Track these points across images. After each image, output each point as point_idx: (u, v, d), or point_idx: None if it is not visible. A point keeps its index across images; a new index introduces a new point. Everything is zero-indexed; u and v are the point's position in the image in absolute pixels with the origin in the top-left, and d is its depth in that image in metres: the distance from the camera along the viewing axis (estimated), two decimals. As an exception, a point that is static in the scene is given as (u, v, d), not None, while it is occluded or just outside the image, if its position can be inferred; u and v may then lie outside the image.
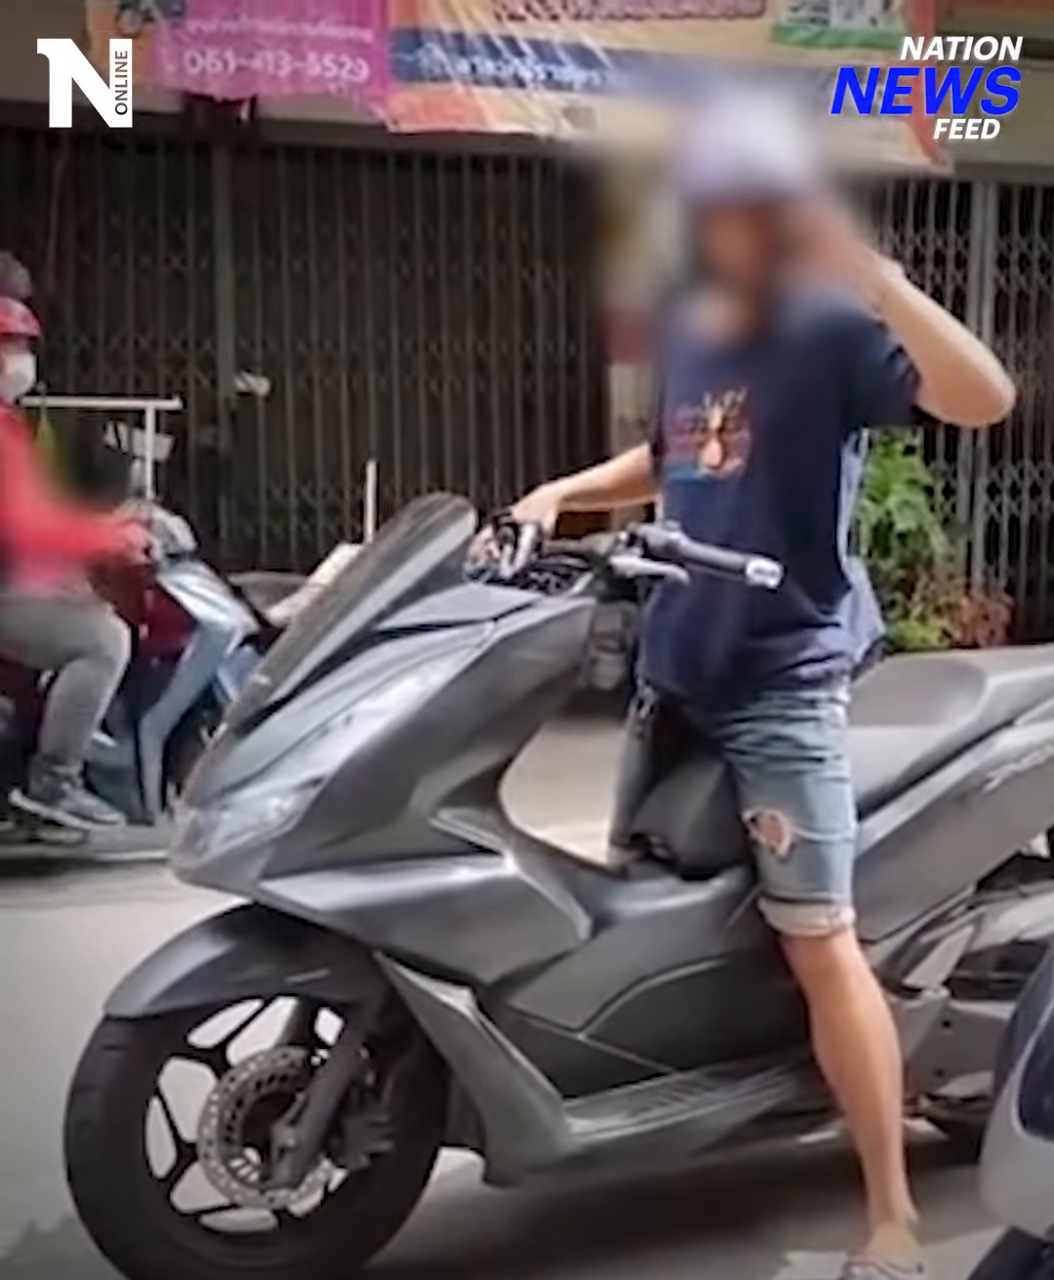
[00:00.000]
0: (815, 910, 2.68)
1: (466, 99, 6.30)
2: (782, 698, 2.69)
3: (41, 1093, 2.69)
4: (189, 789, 2.62)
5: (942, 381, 2.46)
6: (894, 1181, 2.73)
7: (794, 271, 2.53)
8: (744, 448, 2.67)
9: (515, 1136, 2.60)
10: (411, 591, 2.57)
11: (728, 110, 2.67)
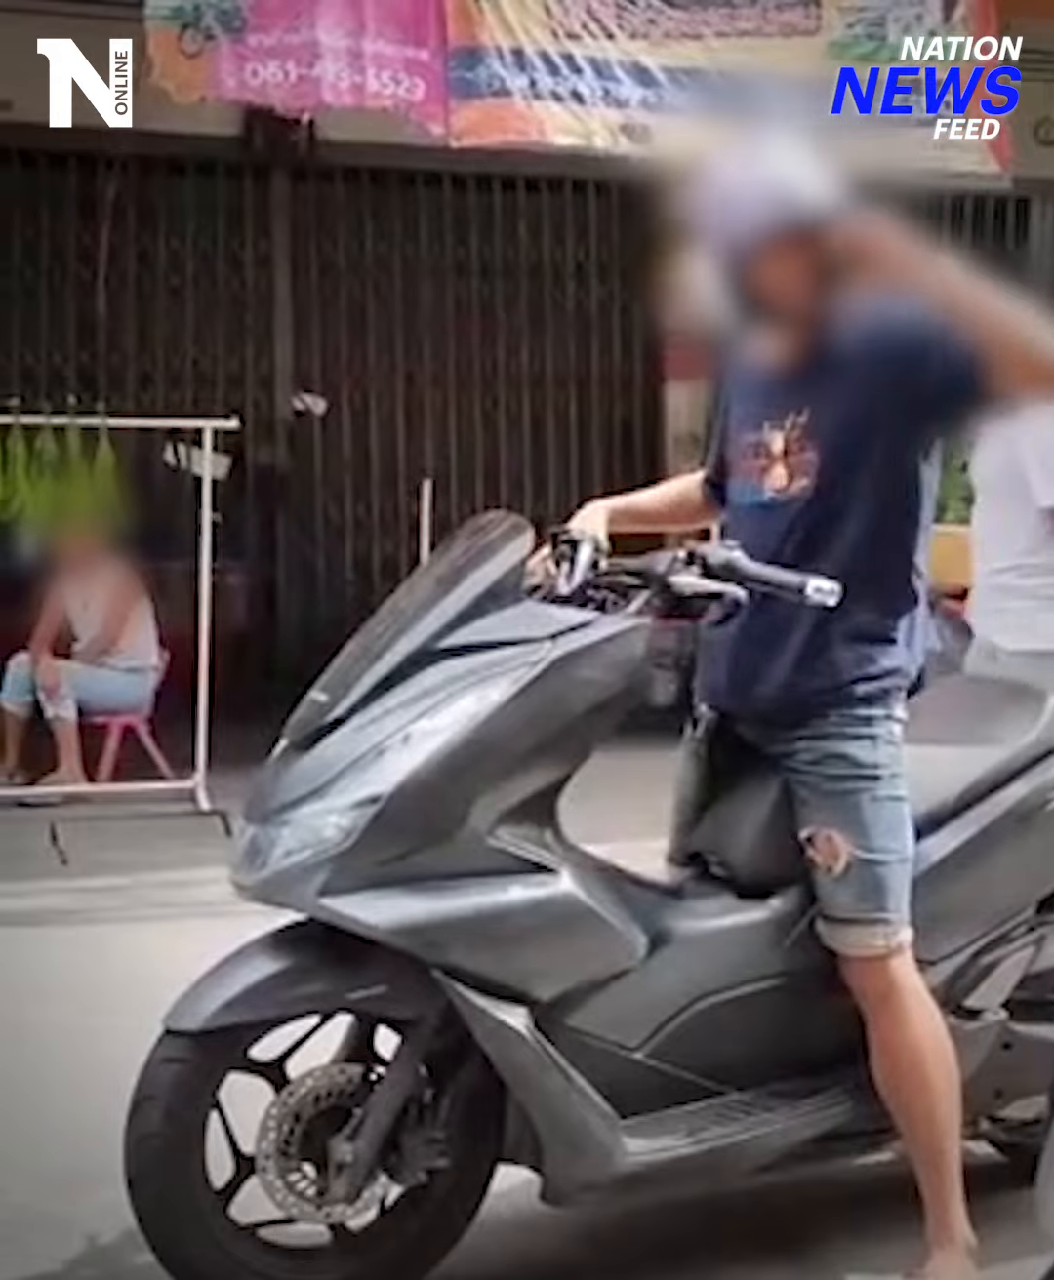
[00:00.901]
0: (872, 931, 2.66)
1: (527, 113, 6.31)
2: (838, 715, 2.68)
3: (101, 1106, 2.71)
4: (248, 805, 2.64)
5: (1014, 365, 2.45)
6: (952, 1204, 2.71)
7: (846, 292, 2.53)
8: (810, 468, 2.67)
9: (571, 1155, 2.59)
10: (469, 610, 2.58)
11: (741, 153, 2.67)
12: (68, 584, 6.77)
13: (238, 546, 8.52)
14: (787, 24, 6.61)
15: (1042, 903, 2.94)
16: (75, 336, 8.18)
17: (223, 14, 5.82)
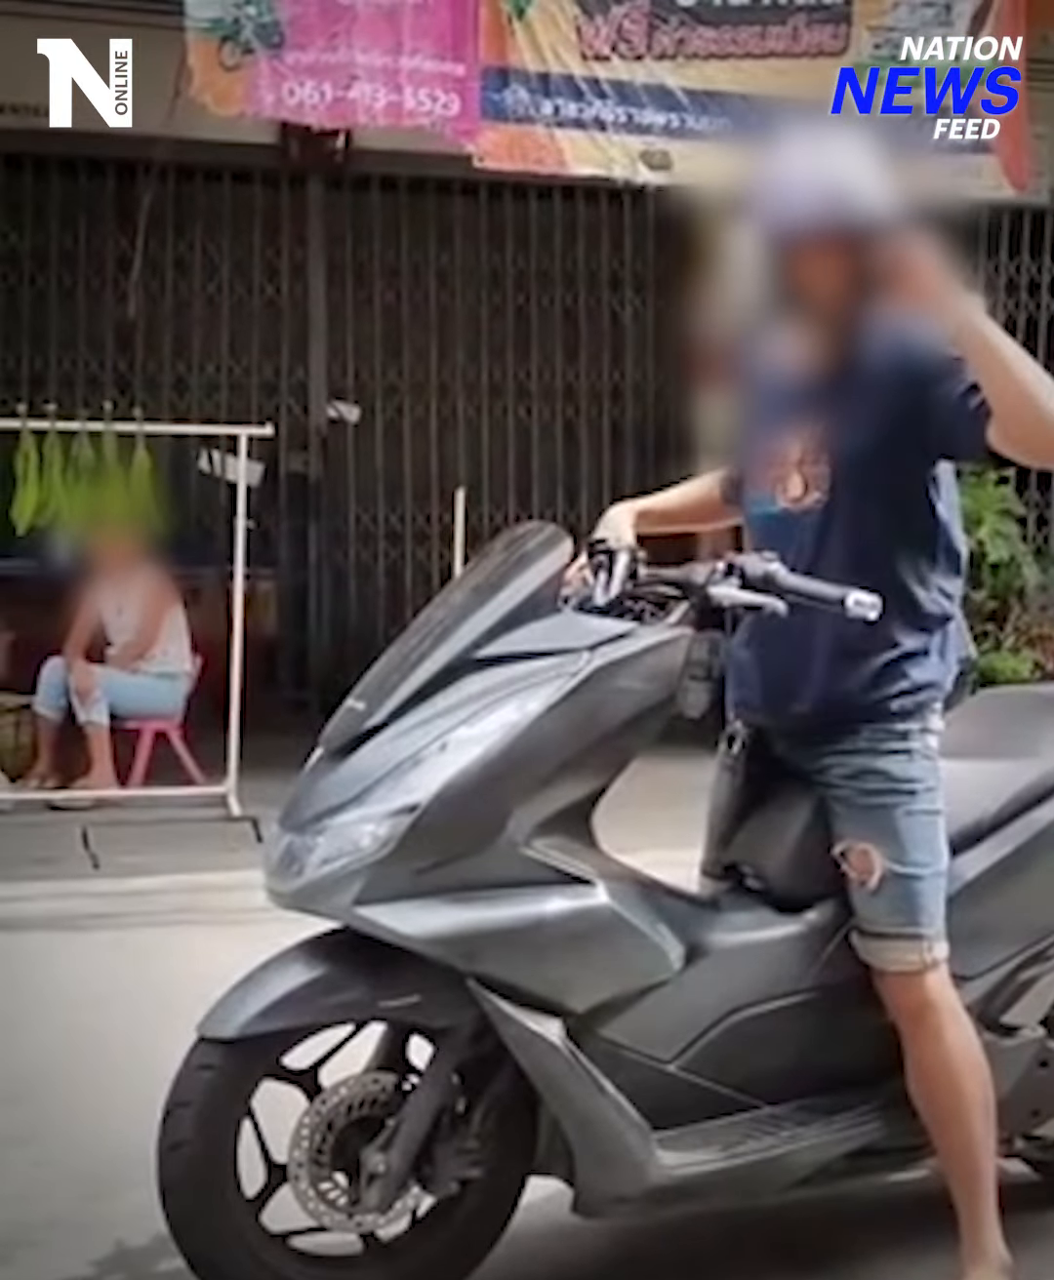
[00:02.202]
0: (907, 945, 2.65)
1: (548, 141, 6.36)
2: (871, 730, 2.67)
3: (132, 1110, 2.72)
4: (284, 813, 2.64)
5: (1013, 420, 2.44)
6: (988, 1223, 2.69)
7: (877, 303, 2.53)
8: (824, 481, 2.67)
9: (604, 1167, 2.58)
10: (507, 620, 2.57)
11: (811, 144, 2.66)
12: (102, 589, 6.80)
13: (270, 553, 8.54)
14: (814, 44, 6.61)
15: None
16: (112, 342, 8.22)
17: (262, 28, 5.86)
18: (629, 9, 6.40)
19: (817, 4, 6.60)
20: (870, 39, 6.67)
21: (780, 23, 6.56)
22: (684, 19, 6.46)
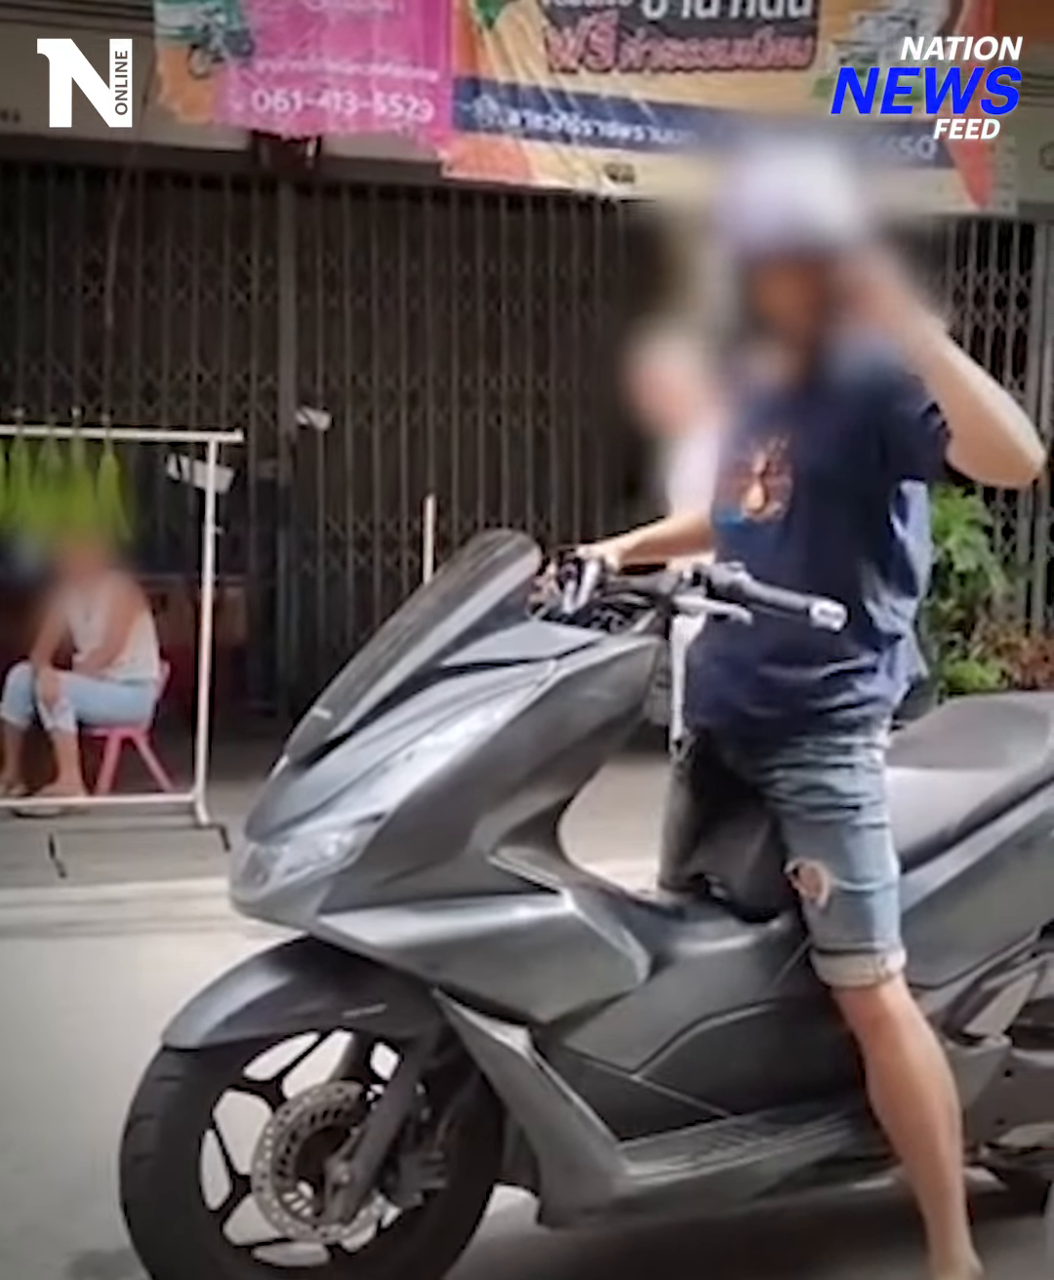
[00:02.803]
0: (861, 960, 2.64)
1: (515, 152, 6.38)
2: (814, 743, 2.67)
3: (99, 1119, 2.70)
4: (249, 822, 2.63)
5: (970, 441, 2.46)
6: (956, 1230, 2.69)
7: (839, 323, 2.54)
8: (784, 493, 2.68)
9: (570, 1178, 2.58)
10: (474, 628, 2.57)
11: (776, 163, 2.67)
12: (70, 595, 6.76)
13: (240, 560, 8.52)
14: (781, 57, 6.64)
15: (1044, 929, 2.93)
16: (81, 348, 8.19)
17: (231, 36, 5.85)
18: (596, 21, 6.42)
19: (783, 17, 6.62)
20: (836, 52, 6.70)
21: (747, 36, 6.59)
22: (651, 31, 6.49)
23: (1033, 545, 9.20)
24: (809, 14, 6.65)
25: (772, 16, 6.60)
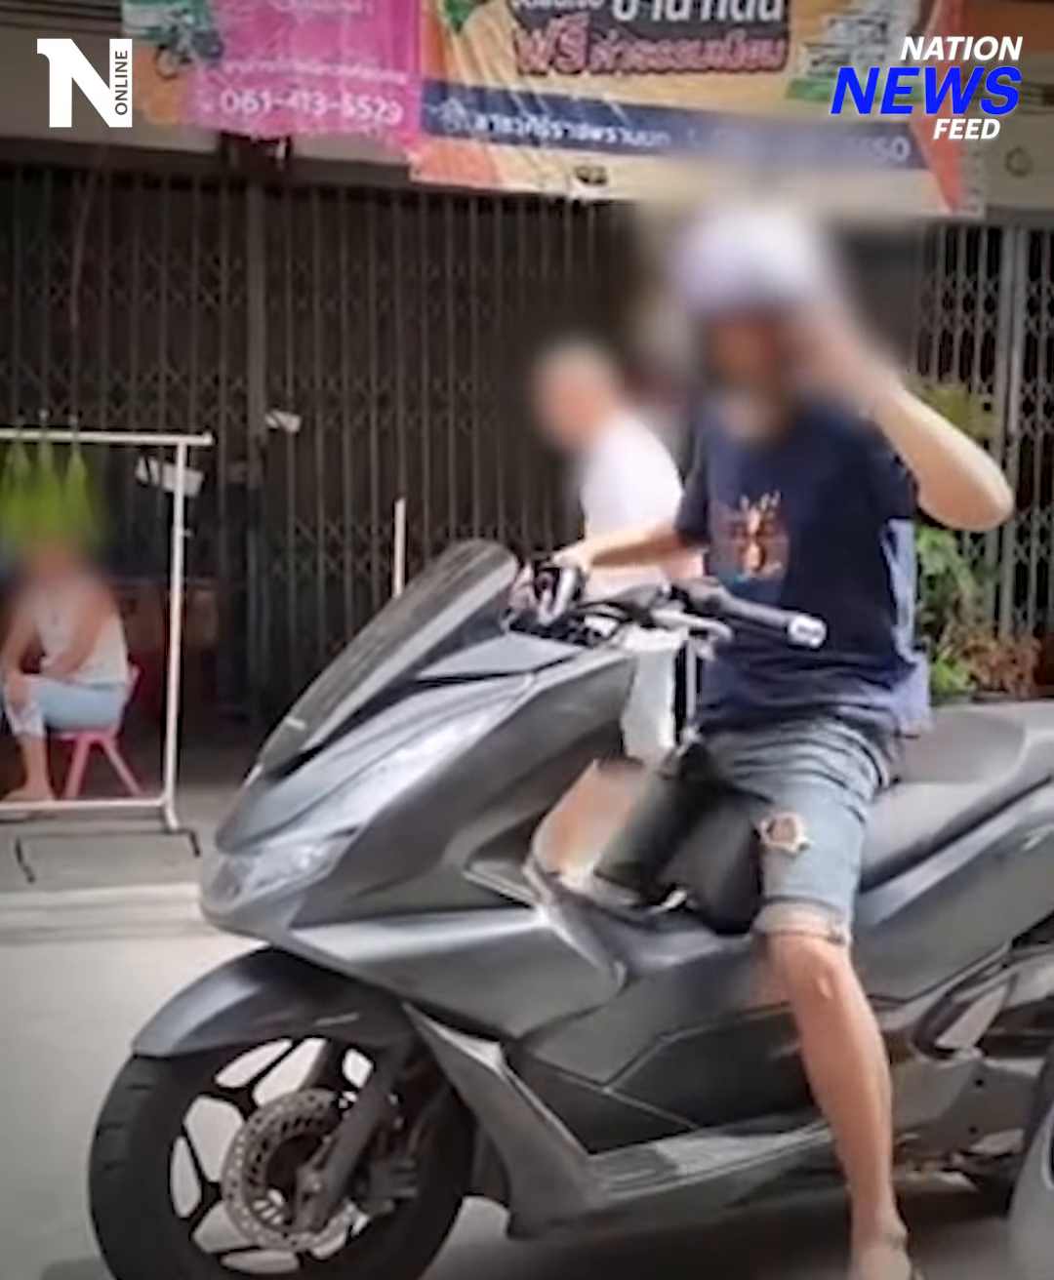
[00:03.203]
0: (815, 909, 2.59)
1: (482, 156, 6.37)
2: (818, 727, 2.72)
3: (69, 1125, 2.69)
4: (221, 832, 2.62)
5: (935, 487, 2.49)
6: (881, 1197, 2.68)
7: (797, 378, 2.56)
8: (782, 551, 2.71)
9: (540, 1190, 2.58)
10: (450, 640, 2.57)
11: (732, 223, 2.69)
12: (37, 599, 6.72)
13: (209, 563, 8.49)
14: (753, 59, 6.65)
15: (1016, 940, 2.94)
16: (48, 351, 8.14)
17: (199, 37, 5.83)
18: (567, 23, 6.42)
19: (754, 20, 6.63)
20: (809, 55, 6.72)
21: (719, 37, 6.59)
22: (622, 33, 6.48)
23: (1001, 548, 9.24)
24: (780, 17, 6.67)
25: (742, 19, 6.61)
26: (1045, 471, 9.23)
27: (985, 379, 9.10)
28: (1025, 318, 9.24)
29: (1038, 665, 8.36)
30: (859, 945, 2.66)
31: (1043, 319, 9.29)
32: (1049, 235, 9.14)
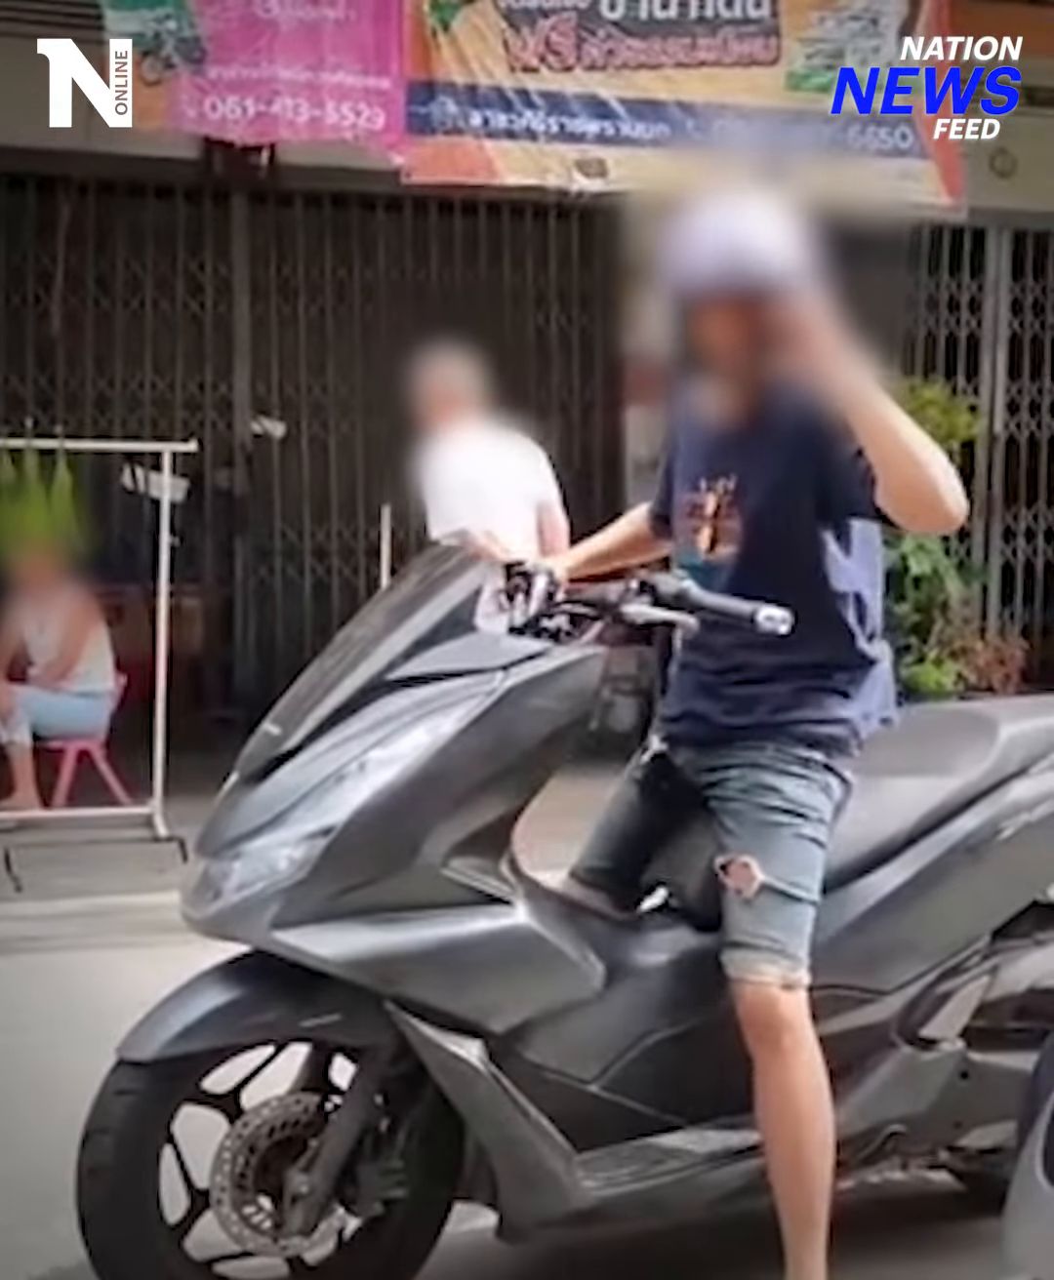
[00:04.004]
0: (772, 958, 2.59)
1: (478, 152, 6.35)
2: (775, 749, 2.68)
3: (57, 1135, 2.69)
4: (200, 838, 2.62)
5: (894, 488, 2.47)
6: (813, 1262, 2.62)
7: (773, 364, 2.55)
8: (735, 535, 2.69)
9: (527, 1190, 2.58)
10: (423, 640, 2.57)
11: (721, 206, 2.68)
12: (23, 607, 6.72)
13: (195, 570, 8.48)
14: (746, 55, 6.65)
15: (995, 932, 2.95)
16: (33, 358, 8.14)
17: (182, 43, 5.82)
18: (555, 22, 6.41)
19: (743, 18, 6.63)
20: (802, 49, 6.72)
21: (710, 34, 6.58)
22: (611, 31, 6.48)
23: (988, 548, 9.26)
24: (768, 14, 6.65)
25: (731, 17, 6.60)
26: (1031, 472, 9.26)
27: (970, 380, 9.12)
28: (1010, 318, 9.27)
29: (1025, 666, 8.37)
30: (840, 939, 2.67)
31: (1027, 319, 9.32)
32: (1033, 236, 9.16)
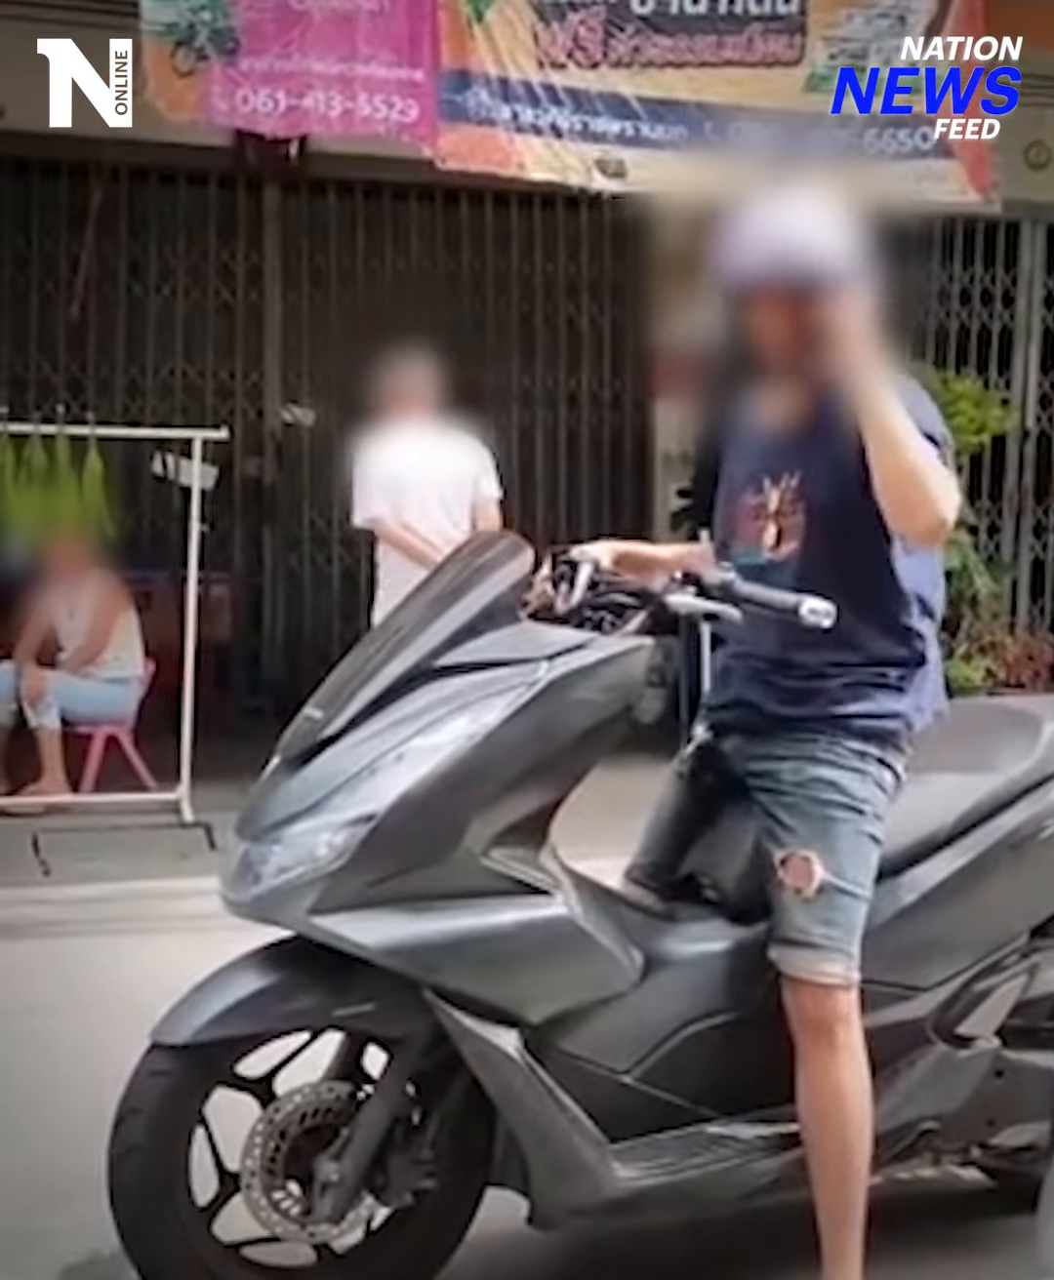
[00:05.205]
0: (833, 958, 2.61)
1: (507, 144, 6.37)
2: (829, 742, 2.68)
3: (83, 1119, 2.70)
4: (240, 821, 2.62)
5: (888, 491, 2.51)
6: (850, 1261, 2.63)
7: (814, 359, 2.56)
8: (799, 530, 2.70)
9: (560, 1179, 2.58)
10: (466, 628, 2.57)
11: (771, 198, 2.69)
12: (54, 593, 6.74)
13: (224, 558, 8.49)
14: (770, 53, 6.65)
15: (1035, 930, 2.94)
16: (64, 345, 8.16)
17: (216, 34, 5.83)
18: (585, 16, 6.42)
19: (772, 14, 6.63)
20: (825, 49, 6.71)
21: (736, 32, 6.60)
22: (640, 27, 6.49)
23: (1018, 544, 9.22)
24: (797, 10, 6.66)
25: (760, 13, 6.60)
26: (1062, 468, 9.22)
27: (1003, 374, 9.07)
28: (1043, 312, 9.21)
29: (1054, 661, 8.34)
30: (878, 935, 2.66)
31: (1061, 314, 9.27)
32: (1067, 230, 9.12)
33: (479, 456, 5.80)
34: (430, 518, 5.59)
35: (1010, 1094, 2.87)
